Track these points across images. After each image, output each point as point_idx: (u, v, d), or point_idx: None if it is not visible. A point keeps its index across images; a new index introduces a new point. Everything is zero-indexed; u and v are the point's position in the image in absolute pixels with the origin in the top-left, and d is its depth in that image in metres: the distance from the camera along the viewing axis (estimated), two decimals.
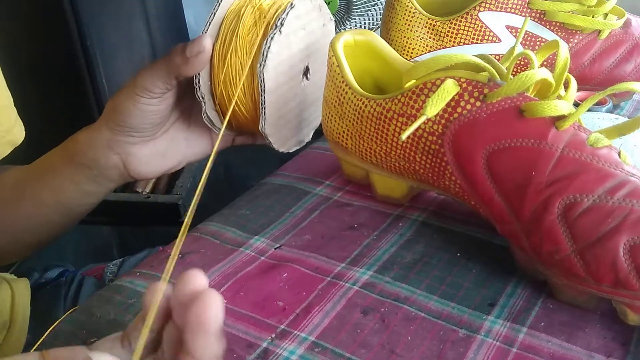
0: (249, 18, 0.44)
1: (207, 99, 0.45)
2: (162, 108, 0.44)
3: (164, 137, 0.47)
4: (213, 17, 0.44)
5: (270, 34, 0.43)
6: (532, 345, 0.33)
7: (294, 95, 0.48)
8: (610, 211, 0.33)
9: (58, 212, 0.50)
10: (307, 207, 0.47)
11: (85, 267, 0.70)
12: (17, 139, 0.53)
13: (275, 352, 0.34)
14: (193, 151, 0.50)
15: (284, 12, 0.43)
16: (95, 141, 0.45)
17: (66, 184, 0.48)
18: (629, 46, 0.59)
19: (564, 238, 0.34)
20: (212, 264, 0.41)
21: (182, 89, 0.45)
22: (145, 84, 0.42)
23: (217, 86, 0.44)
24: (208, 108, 0.45)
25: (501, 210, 0.37)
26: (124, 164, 0.46)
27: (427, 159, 0.40)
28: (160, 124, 0.46)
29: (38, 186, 0.49)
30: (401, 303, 0.37)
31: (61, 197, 0.48)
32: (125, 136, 0.45)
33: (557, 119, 0.36)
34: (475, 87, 0.37)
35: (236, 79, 0.43)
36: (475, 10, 0.60)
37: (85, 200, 0.49)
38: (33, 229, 0.51)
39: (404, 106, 0.40)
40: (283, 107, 0.46)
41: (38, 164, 0.50)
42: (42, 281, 0.67)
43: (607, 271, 0.33)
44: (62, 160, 0.48)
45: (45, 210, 0.49)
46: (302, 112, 0.50)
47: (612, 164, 0.35)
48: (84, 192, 0.48)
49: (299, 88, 0.48)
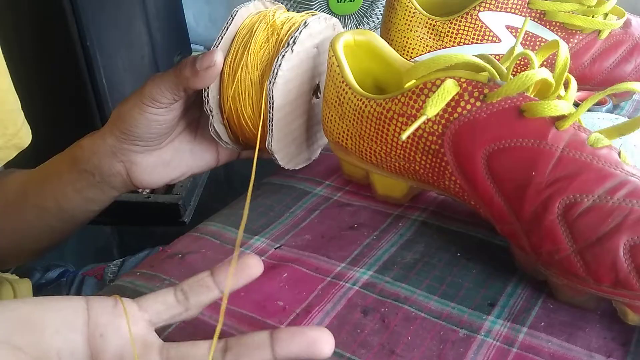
0: (262, 34, 0.44)
1: (215, 113, 0.45)
2: (169, 118, 0.44)
3: (169, 147, 0.47)
4: (226, 32, 0.44)
5: (282, 51, 0.43)
6: (532, 345, 0.33)
7: (302, 112, 0.48)
8: (610, 211, 0.33)
9: (59, 219, 0.50)
10: (307, 207, 0.47)
11: (85, 267, 0.70)
12: (24, 142, 0.53)
13: None
14: (198, 163, 0.50)
15: (297, 31, 0.43)
16: (99, 148, 0.45)
17: (69, 190, 0.48)
18: (629, 46, 0.59)
19: (564, 238, 0.34)
20: (212, 264, 0.41)
21: (190, 101, 0.45)
22: (153, 93, 0.42)
23: (226, 101, 0.44)
24: (215, 122, 0.45)
25: (501, 210, 0.37)
26: (127, 172, 0.46)
27: (427, 159, 0.40)
28: (166, 134, 0.46)
29: (41, 191, 0.49)
30: (401, 303, 0.37)
31: (63, 203, 0.48)
32: (130, 144, 0.45)
33: (557, 119, 0.36)
34: (475, 87, 0.37)
35: (245, 95, 0.43)
36: (475, 10, 0.60)
37: (87, 206, 0.49)
38: (34, 235, 0.51)
39: (404, 106, 0.40)
40: (291, 124, 0.47)
41: (42, 168, 0.50)
42: (43, 281, 0.68)
43: (607, 271, 0.33)
44: (66, 165, 0.48)
45: (47, 216, 0.49)
46: (310, 130, 0.50)
47: (612, 164, 0.35)
48: (86, 199, 0.48)
49: (308, 106, 0.48)
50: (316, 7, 1.00)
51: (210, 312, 0.37)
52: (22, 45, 0.94)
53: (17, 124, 0.52)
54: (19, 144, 0.52)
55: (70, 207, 0.48)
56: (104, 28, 0.97)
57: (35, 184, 0.50)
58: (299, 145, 0.49)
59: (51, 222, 0.50)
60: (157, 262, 0.42)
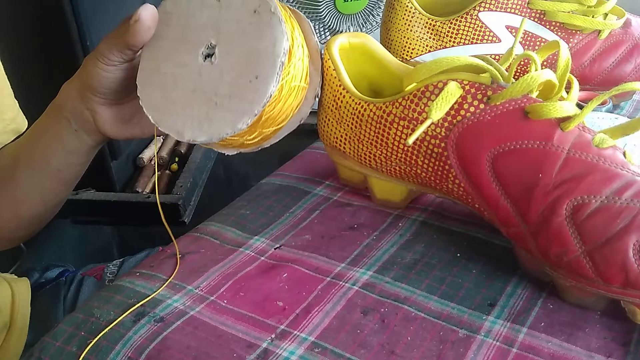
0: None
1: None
2: (119, 76, 0.45)
3: (128, 105, 0.48)
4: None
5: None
6: (532, 346, 0.33)
7: (186, 72, 0.42)
8: (618, 212, 0.33)
9: (48, 176, 0.51)
10: (307, 207, 0.47)
11: (85, 267, 0.70)
12: (21, 127, 0.55)
13: (275, 353, 0.34)
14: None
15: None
16: (70, 92, 0.47)
17: (53, 144, 0.49)
18: (629, 46, 0.59)
19: (573, 239, 0.34)
20: (212, 264, 0.41)
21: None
22: (103, 50, 0.43)
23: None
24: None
25: (507, 213, 0.37)
26: (93, 120, 0.48)
27: (429, 162, 0.40)
28: (120, 92, 0.47)
29: (30, 150, 0.51)
30: (401, 303, 0.37)
31: (50, 158, 0.50)
32: (90, 94, 0.46)
33: (562, 120, 0.36)
34: (479, 89, 0.37)
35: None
36: (475, 10, 0.60)
37: (70, 159, 0.50)
38: (28, 199, 0.53)
39: (405, 109, 0.40)
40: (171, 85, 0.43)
41: (32, 127, 0.52)
42: (42, 281, 0.68)
43: (617, 272, 0.33)
44: (50, 117, 0.50)
45: (37, 176, 0.51)
46: (202, 104, 0.42)
47: (618, 164, 0.35)
48: (68, 151, 0.50)
49: (194, 66, 0.42)
50: (323, 7, 1.00)
51: (210, 312, 0.37)
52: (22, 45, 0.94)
53: (13, 110, 0.54)
54: (17, 128, 0.55)
55: (56, 161, 0.50)
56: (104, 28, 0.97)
57: (26, 145, 0.52)
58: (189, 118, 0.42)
59: (41, 181, 0.51)
60: (157, 262, 0.42)
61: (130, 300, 0.38)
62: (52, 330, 0.37)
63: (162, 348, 0.34)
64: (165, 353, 0.34)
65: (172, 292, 0.39)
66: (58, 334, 0.37)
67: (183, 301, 0.38)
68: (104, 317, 0.37)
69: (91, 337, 0.36)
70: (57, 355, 0.35)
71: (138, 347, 0.34)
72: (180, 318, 0.36)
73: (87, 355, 0.35)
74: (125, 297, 0.39)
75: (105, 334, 0.36)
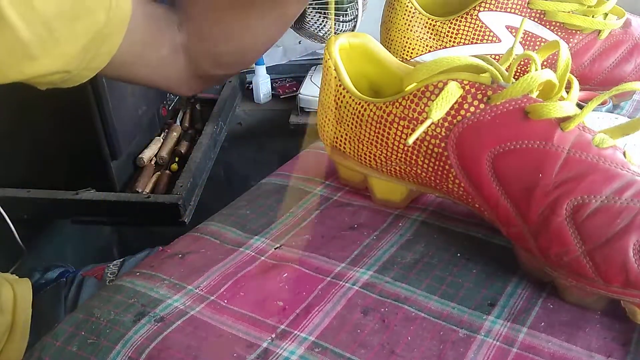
0: None
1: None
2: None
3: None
4: None
5: None
6: (532, 346, 0.33)
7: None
8: (618, 212, 0.33)
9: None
10: (307, 207, 0.47)
11: (85, 268, 0.70)
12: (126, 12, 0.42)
13: (276, 352, 0.34)
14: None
15: None
16: None
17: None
18: (629, 46, 0.59)
19: (573, 239, 0.34)
20: (212, 264, 0.41)
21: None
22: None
23: None
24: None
25: (507, 212, 0.37)
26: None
27: (429, 162, 0.40)
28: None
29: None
30: (401, 303, 0.37)
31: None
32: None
33: (562, 120, 0.36)
34: (479, 89, 0.37)
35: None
36: (475, 10, 0.60)
37: None
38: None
39: (405, 109, 0.40)
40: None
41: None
42: (43, 282, 0.68)
43: (617, 272, 0.33)
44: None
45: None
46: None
47: (618, 164, 0.35)
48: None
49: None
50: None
51: (211, 312, 0.37)
52: None
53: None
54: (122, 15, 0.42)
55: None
56: None
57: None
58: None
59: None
60: (157, 262, 0.42)
61: (130, 300, 0.38)
62: (53, 330, 0.37)
63: (162, 348, 0.34)
64: (165, 353, 0.34)
65: (172, 291, 0.39)
66: (58, 333, 0.37)
67: (183, 301, 0.38)
68: (104, 317, 0.37)
69: (91, 337, 0.36)
70: (58, 355, 0.35)
71: (138, 347, 0.34)
72: (181, 318, 0.36)
73: (87, 355, 0.35)
74: (126, 297, 0.39)
75: (106, 334, 0.36)
